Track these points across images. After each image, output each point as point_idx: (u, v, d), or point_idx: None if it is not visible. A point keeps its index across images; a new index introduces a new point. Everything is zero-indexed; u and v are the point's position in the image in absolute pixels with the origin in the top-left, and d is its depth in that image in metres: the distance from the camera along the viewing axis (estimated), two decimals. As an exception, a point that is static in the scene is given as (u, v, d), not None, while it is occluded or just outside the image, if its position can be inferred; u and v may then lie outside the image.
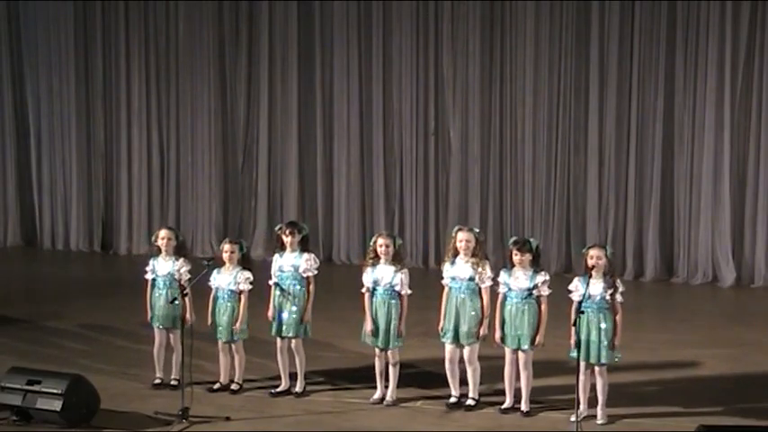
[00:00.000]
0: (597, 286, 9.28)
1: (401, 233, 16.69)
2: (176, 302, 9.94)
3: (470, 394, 9.79)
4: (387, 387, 9.94)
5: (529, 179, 16.18)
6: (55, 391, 9.20)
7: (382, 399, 9.95)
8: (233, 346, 10.19)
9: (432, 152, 16.62)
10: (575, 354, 9.24)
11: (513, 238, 9.85)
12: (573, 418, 9.12)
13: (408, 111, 16.58)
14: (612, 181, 15.87)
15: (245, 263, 10.22)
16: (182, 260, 10.35)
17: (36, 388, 9.27)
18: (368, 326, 9.87)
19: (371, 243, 9.98)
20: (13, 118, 18.20)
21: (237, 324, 10.09)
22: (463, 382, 9.86)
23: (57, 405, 9.16)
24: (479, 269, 9.62)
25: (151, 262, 10.45)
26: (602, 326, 9.27)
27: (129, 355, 11.36)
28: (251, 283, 10.13)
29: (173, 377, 10.35)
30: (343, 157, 16.90)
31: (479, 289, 9.65)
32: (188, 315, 9.95)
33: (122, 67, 17.62)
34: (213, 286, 10.18)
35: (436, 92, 16.49)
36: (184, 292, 9.80)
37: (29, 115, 18.11)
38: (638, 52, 15.56)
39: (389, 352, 9.86)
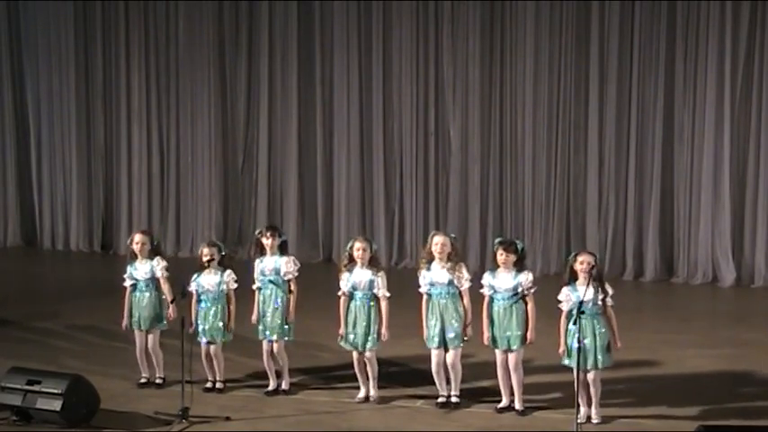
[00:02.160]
0: (588, 292, 9.24)
1: (401, 233, 16.73)
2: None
3: (452, 392, 9.82)
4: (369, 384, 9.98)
5: (529, 179, 16.19)
6: (55, 391, 9.20)
7: (368, 397, 9.97)
8: (212, 347, 10.22)
9: (432, 152, 16.62)
10: (567, 361, 9.24)
11: (500, 238, 9.87)
12: (580, 420, 9.10)
13: (408, 111, 16.59)
14: (612, 181, 15.87)
15: (225, 264, 10.26)
16: (157, 258, 10.39)
17: (36, 388, 9.28)
18: (341, 330, 9.90)
19: (347, 248, 9.99)
20: (13, 118, 18.23)
21: (230, 323, 10.13)
22: (447, 382, 9.89)
23: (57, 405, 9.16)
24: (456, 273, 9.65)
25: (128, 269, 10.48)
26: (597, 331, 9.25)
27: (128, 355, 11.32)
28: (236, 282, 10.18)
29: (157, 376, 10.44)
30: (343, 157, 16.90)
31: (459, 292, 9.68)
32: (170, 312, 10.15)
33: (122, 66, 17.63)
34: (195, 291, 10.20)
35: (436, 92, 16.50)
36: (183, 293, 9.80)
37: (29, 115, 18.12)
38: (638, 52, 15.56)
39: (367, 354, 9.88)
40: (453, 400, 9.81)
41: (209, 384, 10.30)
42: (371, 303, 9.80)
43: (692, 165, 15.56)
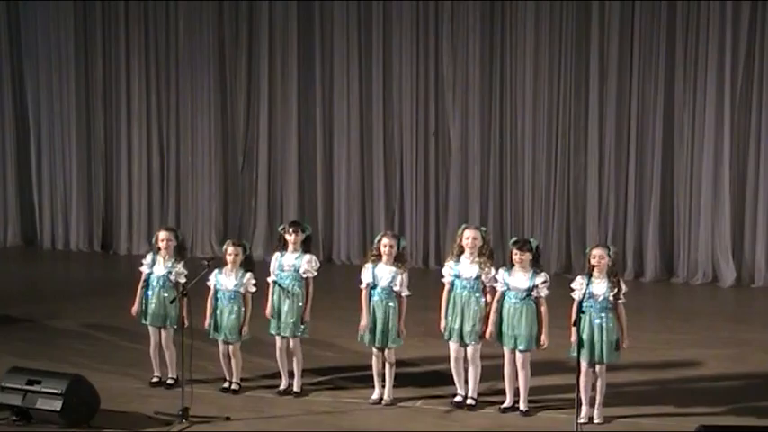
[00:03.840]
0: (600, 286, 9.28)
1: (401, 233, 16.68)
2: (174, 303, 10.06)
3: (470, 394, 9.81)
4: (384, 387, 9.94)
5: (529, 179, 16.18)
6: (55, 391, 9.20)
7: (381, 398, 9.95)
8: (230, 347, 10.20)
9: (432, 152, 16.62)
10: (575, 353, 9.25)
11: (514, 239, 9.89)
12: (581, 420, 9.12)
13: (408, 111, 16.58)
14: (612, 181, 15.87)
15: (247, 265, 10.22)
16: (180, 264, 10.36)
17: (36, 388, 9.28)
18: (363, 321, 9.86)
19: (376, 241, 9.98)
20: (13, 118, 18.20)
21: (245, 326, 10.10)
22: (466, 381, 9.87)
23: (57, 405, 9.16)
24: (485, 269, 9.63)
25: (149, 256, 10.46)
26: (605, 326, 9.26)
27: (128, 354, 11.37)
28: (254, 285, 10.15)
29: (169, 376, 10.41)
30: (343, 157, 16.90)
31: (483, 288, 9.66)
32: (184, 314, 10.02)
33: (122, 66, 17.61)
34: (212, 286, 10.18)
35: (436, 92, 16.49)
36: (183, 292, 9.78)
37: (29, 115, 18.10)
38: (638, 52, 15.56)
39: (386, 352, 9.86)
40: (469, 402, 9.79)
41: (226, 384, 10.28)
42: (389, 302, 9.78)
43: (692, 165, 15.56)
